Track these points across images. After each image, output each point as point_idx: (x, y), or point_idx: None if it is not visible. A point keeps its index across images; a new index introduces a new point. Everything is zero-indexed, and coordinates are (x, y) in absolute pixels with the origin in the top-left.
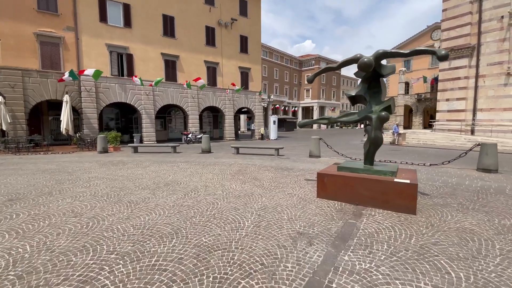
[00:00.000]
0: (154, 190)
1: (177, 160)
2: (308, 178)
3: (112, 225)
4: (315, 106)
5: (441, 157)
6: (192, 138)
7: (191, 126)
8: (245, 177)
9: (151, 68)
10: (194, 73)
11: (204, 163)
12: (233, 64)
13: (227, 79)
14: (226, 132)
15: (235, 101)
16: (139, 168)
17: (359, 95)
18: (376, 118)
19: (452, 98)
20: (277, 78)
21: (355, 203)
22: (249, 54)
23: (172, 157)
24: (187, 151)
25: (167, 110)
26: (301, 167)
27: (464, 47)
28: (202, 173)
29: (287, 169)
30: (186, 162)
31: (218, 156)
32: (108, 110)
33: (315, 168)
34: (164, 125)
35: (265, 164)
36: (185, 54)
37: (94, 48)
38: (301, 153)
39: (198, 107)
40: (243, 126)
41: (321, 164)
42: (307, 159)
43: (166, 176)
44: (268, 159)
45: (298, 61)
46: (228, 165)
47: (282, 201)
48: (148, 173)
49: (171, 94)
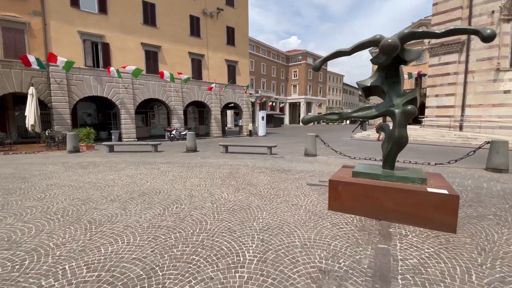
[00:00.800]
0: (126, 202)
1: (158, 161)
2: (311, 183)
3: (56, 264)
4: (302, 102)
5: (439, 154)
6: (176, 134)
7: (175, 122)
8: (237, 182)
9: (130, 59)
10: (178, 65)
11: (189, 164)
12: (219, 57)
13: (213, 72)
14: (213, 129)
15: (222, 96)
16: (112, 171)
17: (376, 85)
18: (400, 113)
19: (441, 94)
20: (264, 73)
21: (377, 218)
22: (236, 47)
23: (152, 157)
24: (170, 150)
25: (149, 105)
26: (299, 168)
27: (454, 42)
28: (187, 177)
29: (284, 170)
30: (168, 164)
31: (205, 156)
32: (84, 104)
33: (315, 169)
34: (146, 121)
35: (259, 165)
36: (168, 44)
37: (65, 35)
38: (294, 151)
39: (182, 101)
40: (230, 122)
41: (320, 164)
42: (304, 159)
43: (143, 182)
44: (261, 159)
45: (285, 56)
46: (216, 167)
47: (287, 216)
48: (122, 178)
49: (153, 87)
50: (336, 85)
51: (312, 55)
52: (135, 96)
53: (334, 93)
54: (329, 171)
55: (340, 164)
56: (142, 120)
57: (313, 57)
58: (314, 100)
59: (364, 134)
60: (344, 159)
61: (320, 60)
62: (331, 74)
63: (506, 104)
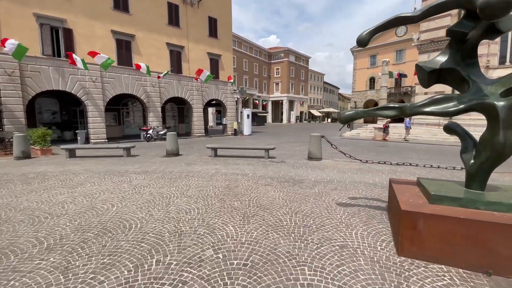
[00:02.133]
0: (72, 252)
1: (130, 169)
2: (340, 201)
3: None
4: (284, 100)
5: (440, 155)
6: (153, 134)
7: (152, 120)
8: (242, 204)
9: (98, 49)
10: (154, 57)
11: (172, 174)
12: (201, 49)
13: (194, 66)
14: (195, 127)
15: (204, 92)
16: (66, 188)
17: (449, 68)
18: (507, 107)
19: (430, 92)
20: (246, 70)
21: (486, 272)
22: (219, 39)
23: (124, 164)
24: (147, 153)
25: (122, 101)
26: (312, 178)
27: (444, 39)
28: (170, 196)
29: (295, 181)
30: (144, 174)
31: (190, 161)
32: (45, 101)
33: (331, 178)
34: (119, 119)
35: (260, 174)
36: (143, 34)
37: (17, 18)
38: (292, 153)
39: (160, 98)
40: (212, 120)
41: (332, 171)
42: (309, 163)
43: (106, 207)
44: (260, 165)
45: (267, 53)
46: (208, 178)
47: (345, 275)
48: (76, 200)
49: (126, 81)
50: (317, 83)
51: (294, 53)
52: (104, 91)
53: (315, 91)
54: (350, 180)
55: (355, 170)
56: (114, 118)
57: (295, 54)
58: (296, 98)
59: (353, 133)
60: (355, 163)
61: (369, 30)
62: (312, 73)
63: None
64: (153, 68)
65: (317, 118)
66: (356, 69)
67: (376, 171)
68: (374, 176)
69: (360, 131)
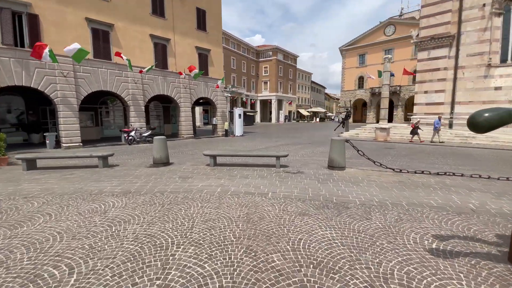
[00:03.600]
0: None
1: (106, 188)
2: (431, 247)
3: None
4: (273, 100)
5: (462, 158)
6: (136, 137)
7: (134, 120)
8: (285, 257)
9: (70, 39)
10: (137, 50)
11: (163, 196)
12: (188, 43)
13: (181, 61)
14: (183, 128)
15: (192, 90)
16: (3, 226)
17: None
18: None
19: (430, 90)
20: (234, 67)
21: None
22: (208, 33)
23: (98, 180)
24: (129, 162)
25: (100, 100)
26: (353, 197)
27: (444, 36)
28: (166, 244)
29: (337, 206)
30: (124, 196)
31: (184, 173)
32: (7, 99)
33: (378, 198)
34: (96, 120)
35: (283, 193)
36: (123, 23)
37: None
38: (300, 158)
39: (143, 95)
40: (199, 120)
41: (368, 184)
42: (333, 174)
43: (56, 274)
44: (274, 177)
45: (255, 51)
46: (215, 202)
47: None
48: (11, 254)
49: (103, 76)
50: (305, 83)
51: (282, 51)
52: (78, 87)
53: (303, 91)
54: (406, 201)
55: (396, 184)
56: (91, 119)
57: (283, 53)
58: (285, 98)
59: (351, 133)
60: (387, 173)
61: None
62: (300, 72)
63: (497, 101)
64: (136, 62)
65: (305, 118)
66: (345, 68)
67: (422, 185)
68: (428, 194)
69: (359, 131)
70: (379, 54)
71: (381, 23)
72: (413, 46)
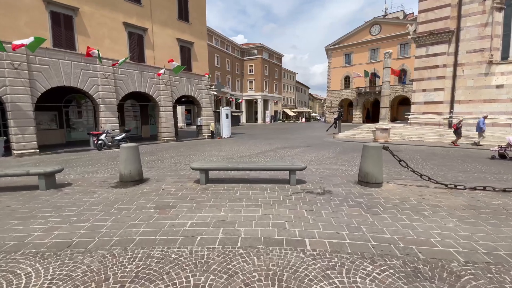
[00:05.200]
0: None
1: (32, 234)
2: None
3: None
4: (259, 99)
5: (471, 161)
6: (107, 140)
7: (105, 121)
8: None
9: (24, 24)
10: (107, 39)
11: (125, 252)
12: (169, 35)
13: (161, 54)
14: (163, 130)
15: (173, 87)
16: None
17: None
18: None
19: (429, 89)
20: (218, 65)
21: None
22: (191, 24)
23: (25, 216)
24: (89, 177)
25: (64, 97)
26: (442, 243)
27: (444, 31)
28: None
29: (428, 262)
30: (53, 257)
31: (163, 198)
32: None
33: (478, 241)
34: (60, 121)
35: (329, 241)
36: (90, 7)
37: None
38: (312, 167)
39: (116, 92)
40: (181, 120)
41: (434, 212)
42: (373, 194)
43: None
44: (297, 205)
45: (240, 49)
46: (217, 263)
47: None
48: None
49: (66, 69)
50: (290, 82)
51: (267, 50)
52: (33, 82)
53: (289, 90)
54: None
55: (468, 208)
56: (54, 120)
57: (268, 51)
58: (271, 97)
59: (347, 134)
60: (441, 191)
61: None
62: (285, 71)
63: (498, 99)
64: (106, 53)
65: (291, 118)
66: (331, 68)
67: (505, 210)
68: None
69: (355, 132)
70: (365, 53)
71: (367, 23)
72: (399, 45)
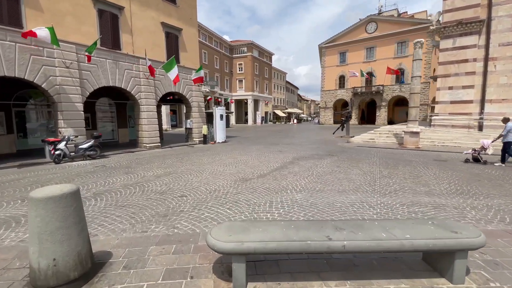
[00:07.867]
0: None
1: None
2: None
3: None
4: (249, 99)
5: None
6: (68, 150)
7: (66, 125)
8: None
9: None
10: (69, 17)
11: None
12: (151, 17)
13: (141, 39)
14: (145, 135)
15: (158, 81)
16: None
17: None
18: None
19: (457, 86)
20: (206, 62)
21: None
22: (179, 6)
23: None
24: None
25: (14, 94)
26: None
27: (474, 20)
28: None
29: None
30: None
31: None
32: None
33: None
34: (9, 124)
35: None
36: None
37: None
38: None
39: (81, 87)
40: (166, 122)
41: None
42: None
43: None
44: None
45: (228, 46)
46: None
47: None
48: None
49: (8, 56)
50: (280, 82)
51: (258, 48)
52: None
53: (279, 90)
54: None
55: None
56: (1, 123)
57: (258, 49)
58: (262, 98)
59: (364, 138)
60: None
61: None
62: (276, 71)
63: None
64: (67, 35)
65: (281, 119)
66: (324, 67)
67: None
68: None
69: (373, 136)
70: (361, 52)
71: (362, 20)
72: (396, 44)
